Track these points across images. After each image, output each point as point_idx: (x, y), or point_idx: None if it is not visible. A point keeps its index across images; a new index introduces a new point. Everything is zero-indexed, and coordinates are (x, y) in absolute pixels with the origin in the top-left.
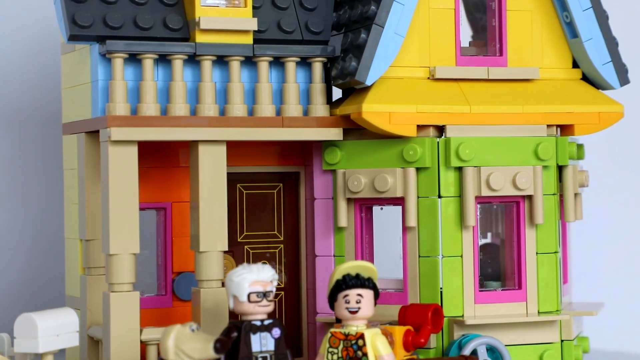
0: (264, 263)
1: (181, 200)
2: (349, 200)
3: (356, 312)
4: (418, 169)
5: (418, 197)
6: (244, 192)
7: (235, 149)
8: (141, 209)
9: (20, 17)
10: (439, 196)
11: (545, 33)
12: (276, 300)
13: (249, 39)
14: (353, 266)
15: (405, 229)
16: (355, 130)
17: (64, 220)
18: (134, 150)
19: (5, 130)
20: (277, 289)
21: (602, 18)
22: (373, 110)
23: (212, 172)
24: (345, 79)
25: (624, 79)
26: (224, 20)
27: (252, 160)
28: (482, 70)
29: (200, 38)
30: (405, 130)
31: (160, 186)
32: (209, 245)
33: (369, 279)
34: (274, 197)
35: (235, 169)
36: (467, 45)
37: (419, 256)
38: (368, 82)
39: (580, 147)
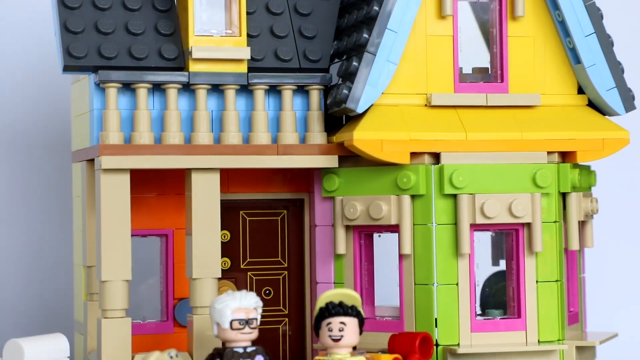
0: (268, 292)
1: (182, 227)
2: (347, 227)
3: (339, 339)
4: (413, 196)
5: (414, 224)
6: (247, 219)
7: (238, 176)
8: (143, 235)
9: (37, 46)
10: (434, 223)
11: (549, 59)
12: (280, 326)
13: (243, 68)
14: (336, 294)
15: (401, 256)
16: (353, 157)
17: (73, 247)
18: (125, 179)
19: (21, 157)
20: (281, 316)
21: (605, 44)
22: (364, 137)
23: (205, 199)
24: (340, 107)
25: (629, 105)
26: (217, 50)
27: (256, 187)
28: (480, 97)
29: (193, 67)
30: (398, 157)
31: (162, 213)
32: (202, 272)
33: (353, 307)
34: (278, 223)
35: (239, 196)
36: (470, 71)
37: (415, 284)
38: (359, 110)
39: (591, 173)
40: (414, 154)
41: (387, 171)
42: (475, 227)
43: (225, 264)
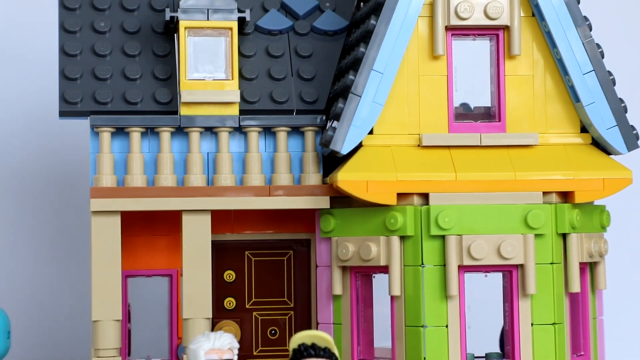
0: (274, 332)
1: None
2: (344, 268)
3: None
4: (403, 237)
5: (404, 265)
6: (253, 259)
7: (243, 216)
8: (148, 275)
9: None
10: (422, 265)
11: (549, 97)
12: None
13: (234, 110)
14: (308, 335)
15: (392, 297)
16: (348, 198)
17: None
18: (116, 221)
19: (52, 195)
20: (287, 357)
21: (605, 81)
22: (349, 178)
23: (196, 240)
24: (327, 148)
25: (632, 143)
26: (206, 93)
27: (262, 227)
28: (474, 137)
29: (185, 111)
30: (385, 198)
31: (167, 253)
32: (192, 313)
33: (325, 349)
34: (284, 263)
35: (244, 236)
36: (467, 110)
37: (405, 325)
38: (343, 152)
39: (603, 213)
40: (402, 195)
41: (377, 212)
42: (465, 268)
43: (230, 303)
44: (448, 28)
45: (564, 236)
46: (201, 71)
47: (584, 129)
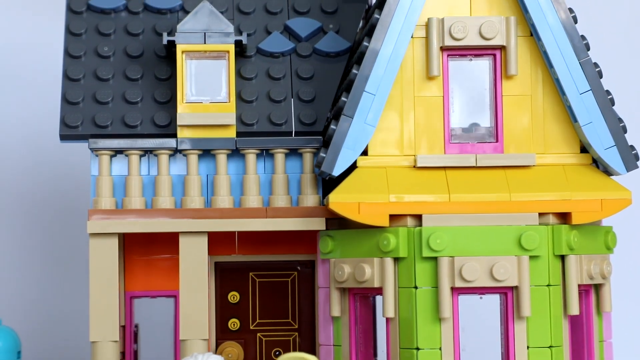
0: (278, 353)
1: None
2: (343, 289)
3: None
4: (397, 259)
5: (399, 287)
6: (257, 280)
7: (247, 237)
8: (153, 296)
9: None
10: (415, 287)
11: (548, 117)
12: None
13: (231, 133)
14: (292, 357)
15: (387, 319)
16: (345, 219)
17: None
18: (113, 243)
19: (57, 217)
20: None
21: (603, 101)
22: (340, 200)
23: (193, 262)
24: (320, 170)
25: (631, 163)
26: (201, 116)
27: (266, 248)
28: (469, 158)
29: (182, 133)
30: (377, 220)
31: (172, 274)
32: (189, 334)
33: None
34: (288, 285)
35: (248, 258)
36: (464, 131)
37: (400, 348)
38: (335, 173)
39: (608, 234)
40: (396, 216)
41: (371, 234)
42: (459, 290)
43: (234, 325)
44: (443, 49)
45: (563, 258)
46: (199, 94)
47: (584, 149)
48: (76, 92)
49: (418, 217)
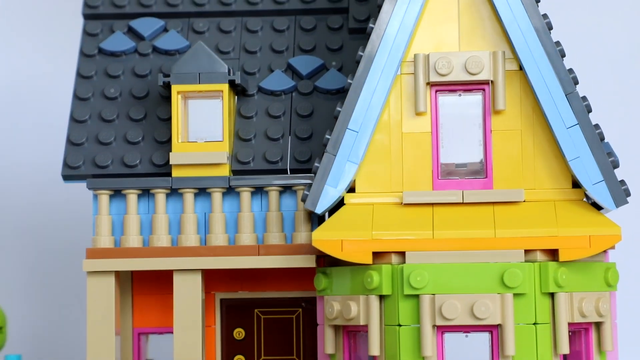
0: None
1: None
2: (337, 326)
3: None
4: (382, 297)
5: (385, 325)
6: (262, 317)
7: (252, 274)
8: (160, 333)
9: None
10: (399, 325)
11: (539, 152)
12: None
13: (225, 171)
14: None
15: (374, 357)
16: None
17: None
18: (110, 281)
19: (63, 257)
20: None
21: (591, 135)
22: (324, 237)
23: (187, 299)
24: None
25: (620, 199)
26: (194, 155)
27: (271, 285)
28: (456, 195)
29: (176, 172)
30: (360, 257)
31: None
32: None
33: None
34: (292, 321)
35: (253, 294)
36: (454, 167)
37: None
38: (318, 211)
39: (608, 271)
40: (381, 254)
41: (358, 271)
42: (443, 328)
43: None
44: (431, 84)
45: (552, 295)
46: (194, 133)
47: (576, 184)
48: (80, 133)
49: (403, 255)
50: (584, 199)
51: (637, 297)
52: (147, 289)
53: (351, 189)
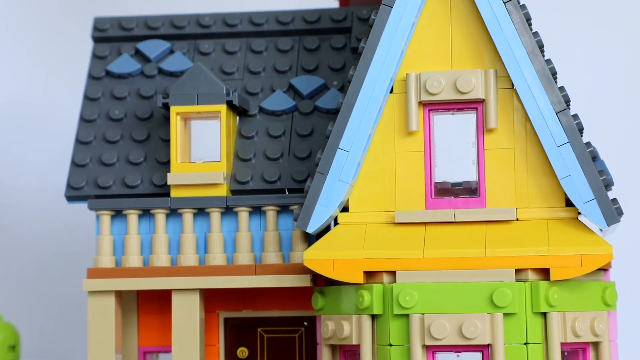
0: None
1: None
2: (333, 346)
3: None
4: (375, 316)
5: (378, 344)
6: (265, 336)
7: (256, 293)
8: (166, 351)
9: None
10: (390, 344)
11: (532, 171)
12: None
13: (222, 191)
14: None
15: None
16: None
17: None
18: (110, 300)
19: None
20: None
21: (582, 153)
22: (315, 257)
23: (185, 319)
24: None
25: (611, 218)
26: (192, 176)
27: (274, 304)
28: (448, 214)
29: (175, 193)
30: (351, 277)
31: None
32: None
33: None
34: (295, 341)
35: (256, 314)
36: (447, 186)
37: None
38: (309, 230)
39: (607, 290)
40: (372, 273)
41: (351, 290)
42: (433, 348)
43: None
44: (424, 104)
45: (545, 315)
46: (193, 154)
47: (570, 203)
48: (84, 155)
49: (394, 274)
50: (578, 218)
51: None
52: (152, 308)
53: (345, 208)
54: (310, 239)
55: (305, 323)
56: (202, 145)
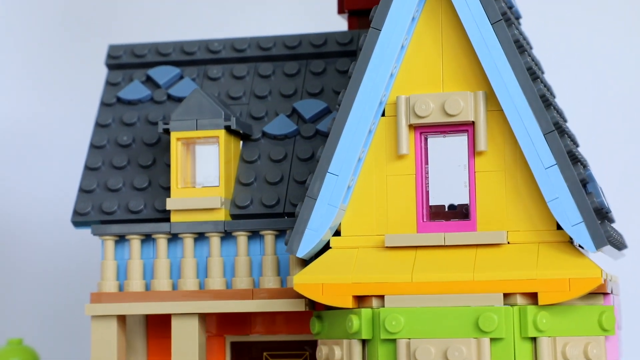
0: None
1: None
2: None
3: None
4: (365, 341)
5: None
6: None
7: (261, 317)
8: None
9: None
10: None
11: (523, 193)
12: None
13: (221, 216)
14: None
15: None
16: None
17: None
18: (112, 324)
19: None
20: None
21: (570, 175)
22: (304, 281)
23: (184, 343)
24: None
25: (600, 241)
26: (190, 201)
27: (280, 328)
28: (437, 237)
29: (175, 218)
30: (340, 301)
31: None
32: None
33: None
34: None
35: (263, 338)
36: (440, 209)
37: None
38: (299, 255)
39: (603, 314)
40: (362, 297)
41: (342, 315)
42: None
43: None
44: (415, 126)
45: (535, 340)
46: (192, 179)
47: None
48: (91, 180)
49: (383, 298)
50: (569, 241)
51: None
52: (161, 332)
53: (338, 232)
54: (307, 264)
55: (306, 348)
56: (204, 170)
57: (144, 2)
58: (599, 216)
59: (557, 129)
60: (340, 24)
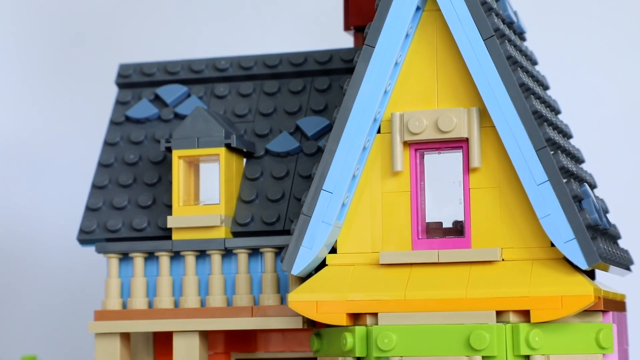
0: None
1: None
2: None
3: None
4: (359, 359)
5: None
6: None
7: (266, 334)
8: None
9: None
10: None
11: (517, 210)
12: None
13: (221, 233)
14: None
15: None
16: None
17: None
18: (115, 342)
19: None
20: None
21: (562, 192)
22: (299, 299)
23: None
24: None
25: (592, 258)
26: (190, 219)
27: (285, 346)
28: (432, 255)
29: (177, 235)
30: (335, 319)
31: None
32: None
33: None
34: None
35: (269, 355)
36: (435, 226)
37: None
38: (294, 272)
39: (601, 332)
40: (357, 315)
41: (337, 332)
42: None
43: None
44: (410, 143)
45: (528, 358)
46: (193, 197)
47: None
48: (98, 199)
49: (377, 316)
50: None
51: None
52: (166, 350)
53: (334, 249)
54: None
55: None
56: (207, 188)
57: (148, 20)
58: (593, 233)
59: (550, 145)
60: (346, 40)
